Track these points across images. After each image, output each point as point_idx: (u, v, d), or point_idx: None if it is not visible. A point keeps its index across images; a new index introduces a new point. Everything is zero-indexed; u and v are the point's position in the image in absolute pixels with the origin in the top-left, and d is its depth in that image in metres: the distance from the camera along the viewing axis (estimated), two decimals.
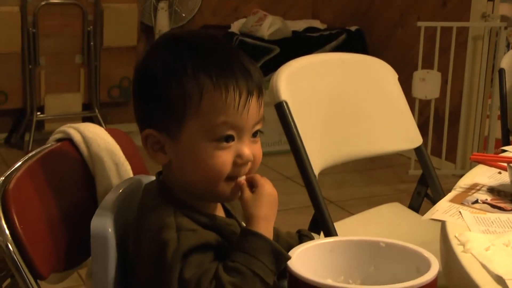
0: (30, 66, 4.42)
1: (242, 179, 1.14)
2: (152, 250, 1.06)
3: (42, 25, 4.40)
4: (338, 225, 1.91)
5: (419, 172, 2.20)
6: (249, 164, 1.14)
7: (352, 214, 2.22)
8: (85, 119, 4.64)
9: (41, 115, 4.54)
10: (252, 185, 1.14)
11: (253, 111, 1.12)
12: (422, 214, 2.09)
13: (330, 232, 1.84)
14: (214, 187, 1.12)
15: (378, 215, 2.15)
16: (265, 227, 1.11)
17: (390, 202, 2.27)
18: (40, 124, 4.56)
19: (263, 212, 1.12)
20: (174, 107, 1.10)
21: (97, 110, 4.66)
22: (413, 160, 4.08)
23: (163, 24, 4.78)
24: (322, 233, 1.88)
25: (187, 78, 1.09)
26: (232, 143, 1.11)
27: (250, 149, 1.13)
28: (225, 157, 1.11)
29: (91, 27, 4.54)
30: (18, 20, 4.33)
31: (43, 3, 4.36)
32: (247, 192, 1.13)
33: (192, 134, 1.10)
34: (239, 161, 1.12)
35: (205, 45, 1.14)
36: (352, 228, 2.03)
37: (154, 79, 1.12)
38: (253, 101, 1.12)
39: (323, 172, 1.93)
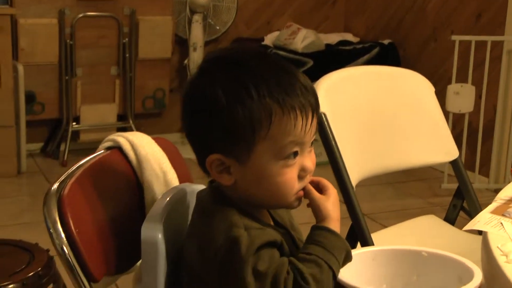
0: (67, 77, 4.49)
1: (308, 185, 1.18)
2: (222, 247, 1.08)
3: (79, 37, 4.47)
4: (374, 237, 1.92)
5: (452, 186, 2.21)
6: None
7: (385, 226, 2.23)
8: (120, 130, 4.70)
9: (77, 125, 4.60)
10: (318, 187, 1.18)
11: (314, 125, 1.15)
12: (458, 227, 2.11)
13: (367, 243, 1.85)
14: (283, 201, 1.16)
15: (415, 227, 2.16)
16: (338, 227, 1.16)
17: (424, 215, 2.28)
18: (76, 134, 4.62)
19: (336, 213, 1.17)
20: (243, 133, 1.10)
21: (131, 121, 4.72)
22: (446, 174, 4.07)
23: (197, 36, 4.83)
24: (359, 245, 1.89)
25: (253, 103, 1.09)
26: (297, 158, 1.14)
27: (310, 160, 1.16)
28: (291, 173, 1.14)
29: (126, 39, 4.61)
30: (56, 32, 4.40)
31: (80, 15, 4.44)
32: (317, 194, 1.17)
33: (261, 156, 1.11)
34: (303, 174, 1.15)
35: (262, 66, 1.14)
36: (389, 240, 2.04)
37: (218, 106, 1.10)
38: (315, 116, 1.15)
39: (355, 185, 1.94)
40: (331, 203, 1.17)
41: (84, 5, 4.46)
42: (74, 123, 4.59)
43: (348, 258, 1.15)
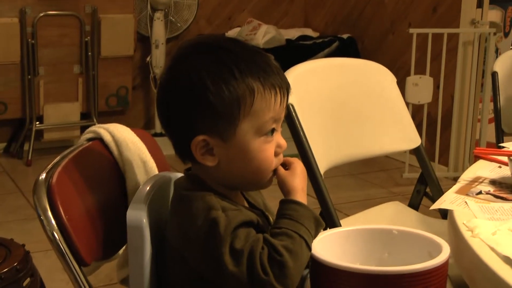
0: (29, 76, 4.48)
1: None
2: (202, 229, 1.13)
3: (40, 36, 4.47)
4: (343, 223, 1.99)
5: (413, 175, 2.28)
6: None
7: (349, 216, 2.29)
8: (84, 128, 4.70)
9: (40, 125, 4.60)
10: (284, 165, 1.25)
11: (286, 104, 1.23)
12: (422, 212, 2.19)
13: None
14: (262, 178, 1.22)
15: (381, 213, 2.23)
16: (304, 197, 1.22)
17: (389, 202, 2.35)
18: (39, 133, 4.62)
19: (300, 185, 1.23)
20: (228, 111, 1.16)
21: (95, 119, 4.73)
22: (407, 164, 4.16)
23: (159, 33, 4.86)
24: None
25: (237, 82, 1.16)
26: (274, 135, 1.21)
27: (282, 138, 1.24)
28: (271, 150, 1.21)
29: (88, 37, 4.62)
30: (17, 31, 4.40)
31: (41, 14, 4.44)
32: (282, 170, 1.23)
33: (244, 133, 1.18)
34: (278, 151, 1.22)
35: (239, 48, 1.21)
36: (357, 225, 2.10)
37: (204, 86, 1.16)
38: (288, 95, 1.23)
39: None
40: (295, 176, 1.23)
41: (45, 4, 4.46)
42: (37, 123, 4.59)
43: (319, 225, 1.21)
